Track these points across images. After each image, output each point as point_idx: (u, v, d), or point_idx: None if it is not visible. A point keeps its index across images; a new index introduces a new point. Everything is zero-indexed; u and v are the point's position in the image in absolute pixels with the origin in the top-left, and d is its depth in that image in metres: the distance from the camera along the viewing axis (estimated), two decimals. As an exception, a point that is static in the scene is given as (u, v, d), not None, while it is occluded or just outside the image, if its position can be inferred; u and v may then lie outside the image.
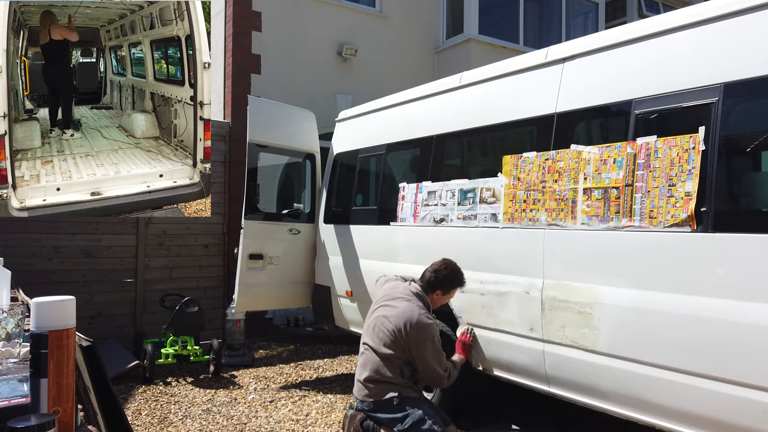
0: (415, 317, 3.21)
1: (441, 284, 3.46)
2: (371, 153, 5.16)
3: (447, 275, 3.48)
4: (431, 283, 3.46)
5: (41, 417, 1.16)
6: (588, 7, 10.62)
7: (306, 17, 8.06)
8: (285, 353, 6.37)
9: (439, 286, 3.46)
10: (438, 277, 3.46)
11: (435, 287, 3.46)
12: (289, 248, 5.59)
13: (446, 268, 3.49)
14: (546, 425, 4.08)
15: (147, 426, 4.13)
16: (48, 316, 1.27)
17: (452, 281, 3.50)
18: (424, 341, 3.19)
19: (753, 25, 2.66)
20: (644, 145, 2.98)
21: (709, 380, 2.66)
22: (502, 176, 3.77)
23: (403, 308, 3.28)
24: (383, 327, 3.30)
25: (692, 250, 2.76)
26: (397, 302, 3.35)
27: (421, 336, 3.19)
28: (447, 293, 3.52)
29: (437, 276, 3.46)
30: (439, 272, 3.47)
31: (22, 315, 1.90)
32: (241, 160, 5.86)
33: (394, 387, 3.24)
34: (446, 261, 3.55)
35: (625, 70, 3.20)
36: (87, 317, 5.84)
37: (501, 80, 3.98)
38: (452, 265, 3.53)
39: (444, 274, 3.47)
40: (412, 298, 3.35)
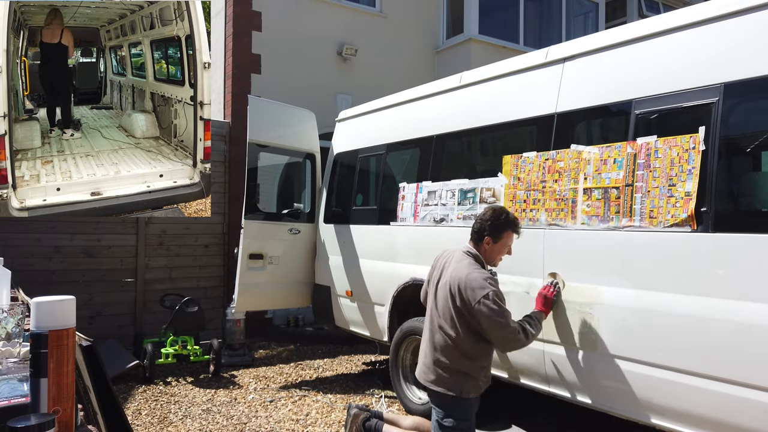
0: (464, 275, 2.86)
1: (486, 230, 2.99)
2: (371, 153, 5.16)
3: (492, 217, 3.01)
4: (476, 232, 3.02)
5: (41, 417, 1.16)
6: (588, 7, 10.62)
7: (306, 17, 8.06)
8: (285, 353, 6.37)
9: (485, 233, 2.99)
10: (482, 223, 3.01)
11: (481, 235, 3.00)
12: (289, 248, 5.59)
13: (491, 211, 3.04)
14: (546, 425, 4.08)
15: (147, 426, 4.13)
16: (48, 315, 1.27)
17: (499, 224, 3.00)
18: (481, 302, 2.80)
19: (753, 25, 2.66)
20: (644, 145, 2.98)
21: (710, 380, 2.66)
22: (502, 176, 3.77)
23: (452, 269, 2.97)
24: (440, 298, 3.01)
25: (692, 250, 2.76)
26: (448, 267, 3.04)
27: (476, 296, 2.80)
28: (498, 239, 3.01)
29: (482, 222, 3.01)
30: (483, 217, 3.03)
31: (22, 315, 1.90)
32: (241, 160, 5.86)
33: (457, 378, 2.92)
34: (492, 206, 3.14)
35: (625, 70, 3.20)
36: (87, 317, 5.85)
37: (501, 80, 3.98)
38: (498, 208, 3.11)
39: (489, 217, 3.01)
40: (462, 258, 2.99)
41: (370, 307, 4.88)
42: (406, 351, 4.43)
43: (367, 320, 4.96)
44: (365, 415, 3.43)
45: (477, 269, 2.90)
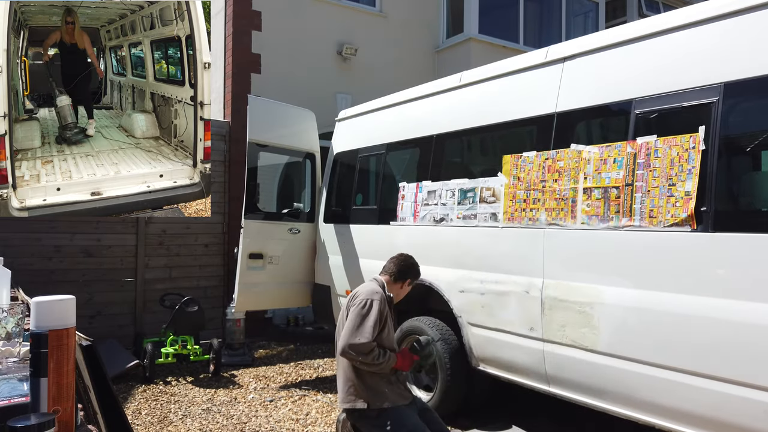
0: (360, 287, 3.14)
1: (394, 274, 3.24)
2: (371, 152, 5.16)
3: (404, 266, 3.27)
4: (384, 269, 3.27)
5: (41, 416, 1.16)
6: (588, 6, 10.62)
7: (306, 17, 8.06)
8: (285, 353, 6.37)
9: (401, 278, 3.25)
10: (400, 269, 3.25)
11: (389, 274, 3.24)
12: (289, 248, 5.59)
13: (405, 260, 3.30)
14: (546, 425, 4.08)
15: (147, 425, 4.13)
16: (48, 315, 1.27)
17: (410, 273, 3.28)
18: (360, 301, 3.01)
19: (753, 25, 2.66)
20: (644, 144, 2.98)
21: (710, 380, 2.66)
22: (502, 176, 3.77)
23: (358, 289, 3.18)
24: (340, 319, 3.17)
25: (692, 249, 2.76)
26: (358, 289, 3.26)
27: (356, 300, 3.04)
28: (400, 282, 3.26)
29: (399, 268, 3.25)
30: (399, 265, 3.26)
31: (22, 314, 1.90)
32: (241, 160, 5.86)
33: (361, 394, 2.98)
34: (402, 255, 3.37)
35: (625, 69, 3.20)
36: (87, 317, 5.85)
37: (501, 80, 3.98)
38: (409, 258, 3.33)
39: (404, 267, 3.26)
40: (370, 282, 3.22)
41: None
42: (406, 351, 4.43)
43: (367, 320, 4.95)
44: None
45: (377, 287, 3.12)
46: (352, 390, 3.02)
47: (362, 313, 2.99)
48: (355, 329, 2.96)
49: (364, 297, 3.04)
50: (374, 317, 2.98)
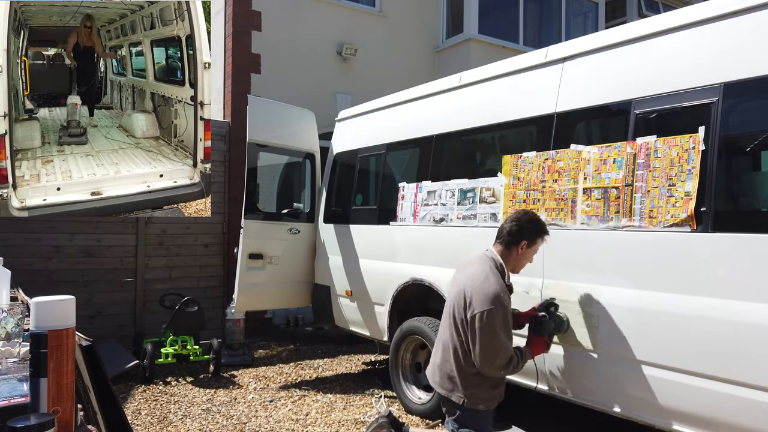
0: (479, 282, 2.83)
1: (524, 233, 2.95)
2: (371, 152, 5.16)
3: (529, 221, 2.99)
4: (513, 234, 2.96)
5: (41, 416, 1.16)
6: (588, 6, 10.62)
7: (306, 17, 8.06)
8: (285, 353, 6.37)
9: (522, 236, 2.96)
10: (521, 225, 2.96)
11: (519, 238, 2.96)
12: (288, 248, 5.59)
13: (526, 214, 3.02)
14: (546, 425, 4.08)
15: (147, 426, 4.13)
16: (48, 315, 1.27)
17: (536, 229, 3.01)
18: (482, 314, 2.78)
19: (753, 25, 2.66)
20: (644, 144, 2.98)
21: (709, 380, 2.66)
22: (502, 176, 3.77)
23: (470, 273, 2.94)
24: (452, 299, 2.98)
25: (692, 250, 2.76)
26: (467, 268, 3.02)
27: (478, 307, 2.79)
28: (533, 244, 3.02)
29: (520, 224, 2.97)
30: (520, 220, 2.98)
31: (21, 314, 1.90)
32: (241, 160, 5.86)
33: (459, 387, 2.93)
34: (524, 210, 3.11)
35: (624, 69, 3.20)
36: (87, 317, 5.85)
37: (501, 80, 3.98)
38: (531, 211, 3.09)
39: (526, 220, 2.98)
40: (483, 263, 2.94)
41: (370, 306, 4.88)
42: (406, 351, 4.43)
43: (367, 320, 4.96)
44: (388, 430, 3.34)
45: (494, 281, 2.88)
46: (453, 381, 2.94)
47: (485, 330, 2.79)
48: (488, 353, 2.82)
49: (480, 309, 2.79)
50: (500, 330, 2.80)
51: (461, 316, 2.92)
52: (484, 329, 2.81)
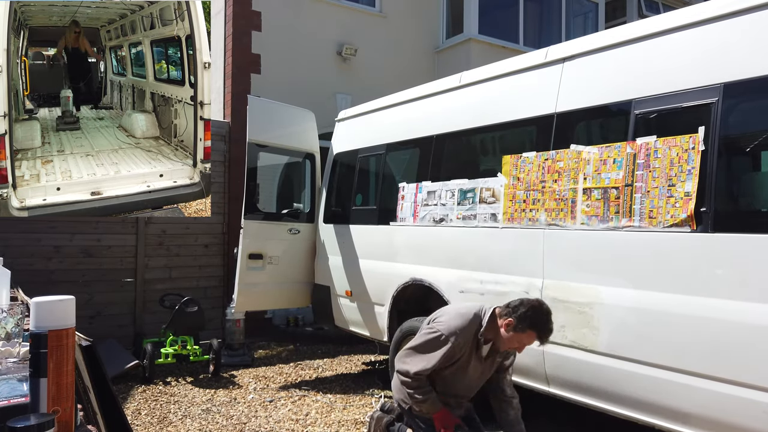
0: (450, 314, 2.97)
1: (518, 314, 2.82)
2: (371, 153, 5.16)
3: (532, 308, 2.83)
4: (510, 307, 2.87)
5: (41, 417, 1.16)
6: (588, 7, 10.62)
7: (306, 17, 8.06)
8: (285, 353, 6.37)
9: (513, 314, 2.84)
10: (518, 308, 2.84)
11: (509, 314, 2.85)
12: (288, 248, 5.58)
13: (537, 303, 2.86)
14: (546, 425, 4.08)
15: (146, 426, 4.13)
16: (47, 315, 1.27)
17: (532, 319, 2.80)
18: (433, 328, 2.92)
19: (753, 25, 2.66)
20: (644, 145, 2.98)
21: (709, 380, 2.66)
22: (502, 176, 3.77)
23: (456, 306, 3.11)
24: None
25: (692, 250, 2.76)
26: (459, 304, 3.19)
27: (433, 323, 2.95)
28: (519, 331, 2.82)
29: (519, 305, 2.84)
30: (524, 301, 2.88)
31: (21, 314, 1.90)
32: (241, 160, 5.86)
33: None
34: (540, 300, 2.94)
35: (624, 70, 3.20)
36: (87, 317, 5.85)
37: (501, 80, 3.98)
38: (545, 306, 2.88)
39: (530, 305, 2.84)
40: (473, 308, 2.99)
41: (370, 307, 4.88)
42: (406, 351, 4.42)
43: (367, 320, 4.96)
44: (389, 418, 3.36)
45: (462, 321, 2.93)
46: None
47: (422, 338, 2.95)
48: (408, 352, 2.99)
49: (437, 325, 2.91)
50: (432, 352, 2.88)
51: None
52: (420, 339, 2.97)
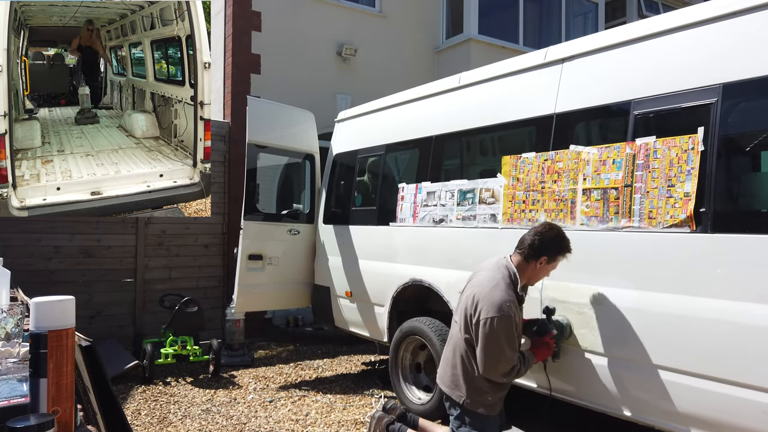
0: (487, 290, 2.85)
1: (547, 249, 2.92)
2: (371, 153, 5.16)
3: (554, 237, 2.94)
4: (535, 248, 2.93)
5: (40, 417, 1.16)
6: (588, 7, 10.63)
7: (306, 17, 8.07)
8: (284, 353, 6.37)
9: (544, 251, 2.93)
10: (544, 240, 2.92)
11: (540, 253, 2.93)
12: (288, 249, 5.59)
13: (552, 230, 2.96)
14: (545, 426, 4.08)
15: (146, 426, 4.13)
16: (47, 315, 1.27)
17: (560, 246, 2.96)
18: (486, 321, 2.82)
19: (752, 25, 2.66)
20: (643, 145, 2.98)
21: (709, 381, 2.66)
22: (502, 177, 3.77)
23: (482, 278, 2.97)
24: (462, 301, 3.01)
25: (691, 250, 2.76)
26: (482, 272, 3.04)
27: (485, 314, 2.82)
28: (553, 261, 2.99)
29: (543, 239, 2.92)
30: (544, 234, 2.93)
31: (21, 315, 1.90)
32: (241, 161, 5.86)
33: (462, 387, 2.96)
34: (551, 223, 3.04)
35: (624, 70, 3.20)
36: (87, 317, 5.85)
37: (500, 81, 3.98)
38: (557, 226, 3.01)
39: (550, 236, 2.93)
40: (497, 270, 2.96)
41: (370, 307, 4.88)
42: (406, 351, 4.43)
43: (367, 321, 4.96)
44: (389, 418, 3.36)
45: (504, 289, 2.89)
46: (457, 380, 2.99)
47: (489, 337, 2.83)
48: (489, 360, 2.86)
49: (485, 315, 2.81)
50: (503, 338, 2.82)
51: (469, 320, 2.97)
52: (487, 336, 2.85)
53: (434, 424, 3.62)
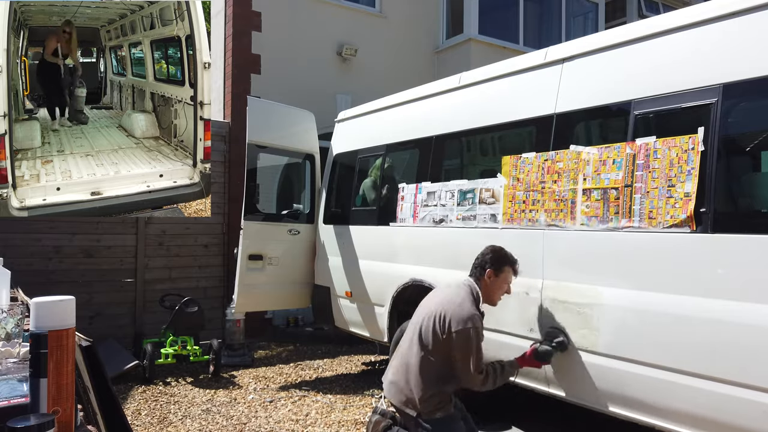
0: (456, 303, 2.96)
1: (489, 262, 3.12)
2: (371, 153, 5.16)
3: (492, 252, 3.15)
4: (477, 267, 3.15)
5: (41, 417, 1.16)
6: (588, 7, 10.63)
7: (306, 17, 8.06)
8: (285, 353, 6.37)
9: (488, 265, 3.11)
10: (484, 256, 3.14)
11: (484, 267, 3.12)
12: (288, 249, 5.59)
13: (492, 249, 3.17)
14: (545, 426, 4.09)
15: (147, 426, 4.13)
16: (48, 316, 1.27)
17: (500, 258, 3.14)
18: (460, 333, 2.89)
19: (752, 26, 2.66)
20: (643, 145, 2.98)
21: (709, 381, 2.66)
22: (502, 177, 3.77)
23: (446, 295, 3.06)
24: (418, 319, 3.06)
25: (691, 250, 2.76)
26: (444, 289, 3.16)
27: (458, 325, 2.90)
28: (499, 271, 3.12)
29: (483, 256, 3.14)
30: (485, 254, 3.16)
31: (21, 315, 1.90)
32: (241, 160, 5.86)
33: (414, 401, 2.97)
34: (491, 245, 3.23)
35: (624, 70, 3.20)
36: (87, 317, 5.84)
37: (500, 81, 3.98)
38: (495, 246, 3.20)
39: (490, 253, 3.14)
40: (460, 287, 3.09)
41: (370, 307, 4.88)
42: (406, 351, 4.42)
43: (367, 321, 4.96)
44: (387, 422, 3.35)
45: (471, 303, 2.99)
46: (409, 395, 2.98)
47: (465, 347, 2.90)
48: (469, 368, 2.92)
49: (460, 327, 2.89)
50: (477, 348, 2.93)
51: (433, 336, 2.96)
52: (464, 346, 2.91)
53: None
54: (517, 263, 3.18)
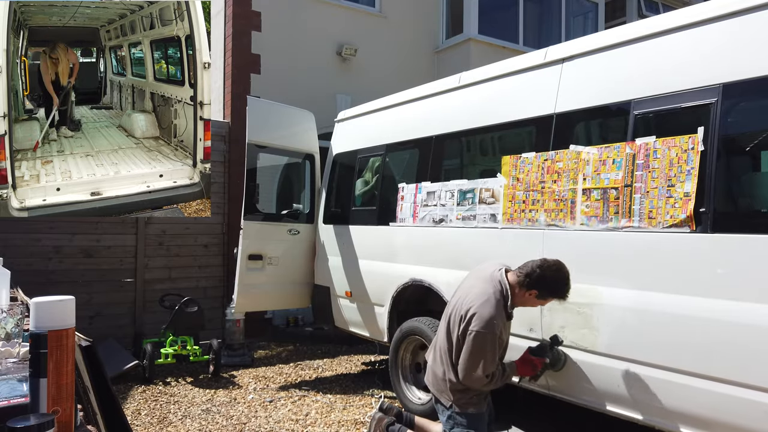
0: (478, 304, 2.90)
1: (541, 285, 2.94)
2: (370, 153, 5.16)
3: (554, 278, 2.94)
4: (531, 279, 2.94)
5: (40, 417, 1.17)
6: (587, 7, 10.63)
7: (306, 17, 8.06)
8: (284, 353, 6.37)
9: (536, 286, 2.95)
10: (544, 276, 2.92)
11: (533, 285, 2.95)
12: (288, 249, 5.59)
13: (557, 271, 2.95)
14: (545, 426, 4.09)
15: (146, 426, 4.13)
16: (47, 315, 1.27)
17: (555, 288, 2.95)
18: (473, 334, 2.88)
19: (752, 25, 2.66)
20: (643, 145, 2.98)
21: (709, 381, 2.66)
22: (502, 177, 3.77)
23: (476, 288, 3.01)
24: (451, 306, 3.08)
25: (691, 250, 2.76)
26: (476, 282, 3.07)
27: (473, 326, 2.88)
28: (542, 298, 3.01)
29: (543, 274, 2.92)
30: (546, 270, 2.93)
31: (21, 315, 1.90)
32: (241, 160, 5.86)
33: (448, 391, 3.03)
34: (560, 263, 3.00)
35: (624, 70, 3.20)
36: (87, 317, 5.84)
37: (500, 81, 3.98)
38: (564, 270, 2.97)
39: (552, 276, 2.93)
40: (491, 282, 3.00)
41: (370, 307, 4.88)
42: (406, 351, 4.43)
43: (367, 321, 4.96)
44: (389, 419, 3.40)
45: (494, 306, 2.93)
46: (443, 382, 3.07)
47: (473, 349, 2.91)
48: (469, 369, 2.94)
49: (474, 329, 2.88)
50: (488, 352, 2.90)
51: (456, 328, 3.02)
52: (472, 348, 2.93)
53: (429, 422, 3.65)
54: (569, 294, 2.96)
